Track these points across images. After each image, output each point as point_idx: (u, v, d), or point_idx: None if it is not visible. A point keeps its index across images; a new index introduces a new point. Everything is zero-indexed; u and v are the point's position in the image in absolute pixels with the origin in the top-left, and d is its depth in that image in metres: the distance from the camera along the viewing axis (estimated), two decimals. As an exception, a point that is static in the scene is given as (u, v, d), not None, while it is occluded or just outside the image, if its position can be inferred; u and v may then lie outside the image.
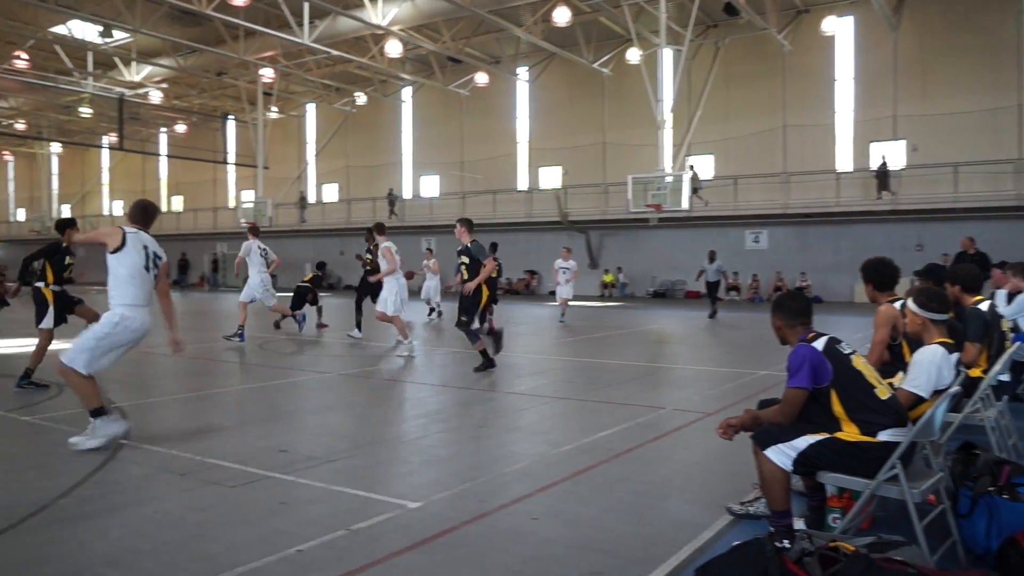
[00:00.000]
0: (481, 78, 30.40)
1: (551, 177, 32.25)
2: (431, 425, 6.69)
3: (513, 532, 3.98)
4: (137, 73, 32.91)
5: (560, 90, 31.75)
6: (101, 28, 28.04)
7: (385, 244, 11.44)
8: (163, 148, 46.05)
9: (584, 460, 5.32)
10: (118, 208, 49.52)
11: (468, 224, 9.71)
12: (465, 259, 9.44)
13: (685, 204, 21.94)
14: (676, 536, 3.89)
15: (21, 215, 54.08)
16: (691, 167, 25.67)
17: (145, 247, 5.85)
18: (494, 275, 12.10)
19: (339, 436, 6.23)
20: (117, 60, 31.82)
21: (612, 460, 5.36)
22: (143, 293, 5.78)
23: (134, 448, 5.59)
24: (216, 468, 5.08)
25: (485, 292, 9.50)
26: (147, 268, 5.83)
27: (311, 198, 40.32)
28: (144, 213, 6.08)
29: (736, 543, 3.24)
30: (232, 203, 42.62)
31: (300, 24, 23.90)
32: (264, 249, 13.28)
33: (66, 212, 50.75)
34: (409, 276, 12.47)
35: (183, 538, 3.85)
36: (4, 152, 53.37)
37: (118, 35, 29.01)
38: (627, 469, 5.19)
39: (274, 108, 36.78)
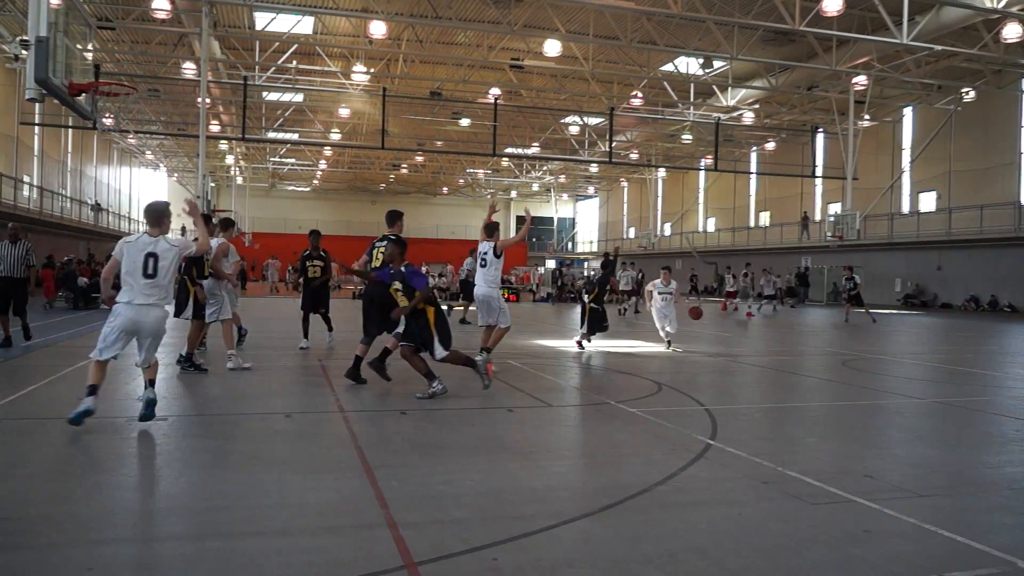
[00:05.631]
0: None
1: None
2: (1052, 474, 5.59)
3: None
4: (732, 98, 35.08)
5: None
6: (702, 60, 30.72)
7: None
8: (753, 166, 48.28)
9: None
10: (711, 224, 53.53)
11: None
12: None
13: None
14: None
15: (631, 233, 62.41)
16: None
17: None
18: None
19: (931, 470, 5.64)
20: (715, 88, 34.43)
21: None
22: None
23: (720, 451, 5.94)
24: (797, 482, 5.08)
25: None
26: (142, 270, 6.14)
27: (904, 207, 37.54)
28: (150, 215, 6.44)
29: None
30: (818, 216, 42.30)
31: (898, 23, 22.37)
32: None
33: (667, 230, 57.00)
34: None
35: (764, 546, 3.94)
36: (620, 179, 62.39)
37: (717, 64, 31.38)
38: None
39: (866, 116, 35.24)
